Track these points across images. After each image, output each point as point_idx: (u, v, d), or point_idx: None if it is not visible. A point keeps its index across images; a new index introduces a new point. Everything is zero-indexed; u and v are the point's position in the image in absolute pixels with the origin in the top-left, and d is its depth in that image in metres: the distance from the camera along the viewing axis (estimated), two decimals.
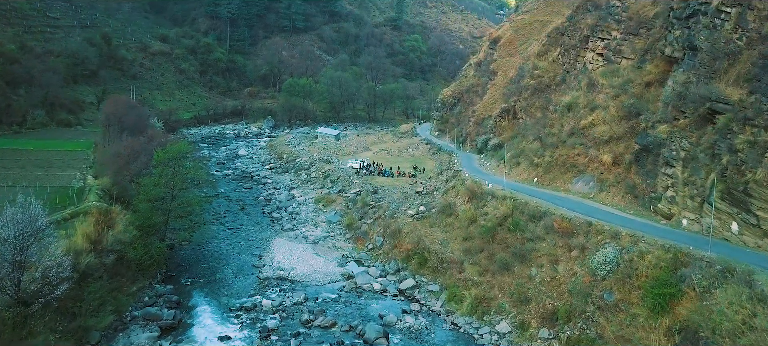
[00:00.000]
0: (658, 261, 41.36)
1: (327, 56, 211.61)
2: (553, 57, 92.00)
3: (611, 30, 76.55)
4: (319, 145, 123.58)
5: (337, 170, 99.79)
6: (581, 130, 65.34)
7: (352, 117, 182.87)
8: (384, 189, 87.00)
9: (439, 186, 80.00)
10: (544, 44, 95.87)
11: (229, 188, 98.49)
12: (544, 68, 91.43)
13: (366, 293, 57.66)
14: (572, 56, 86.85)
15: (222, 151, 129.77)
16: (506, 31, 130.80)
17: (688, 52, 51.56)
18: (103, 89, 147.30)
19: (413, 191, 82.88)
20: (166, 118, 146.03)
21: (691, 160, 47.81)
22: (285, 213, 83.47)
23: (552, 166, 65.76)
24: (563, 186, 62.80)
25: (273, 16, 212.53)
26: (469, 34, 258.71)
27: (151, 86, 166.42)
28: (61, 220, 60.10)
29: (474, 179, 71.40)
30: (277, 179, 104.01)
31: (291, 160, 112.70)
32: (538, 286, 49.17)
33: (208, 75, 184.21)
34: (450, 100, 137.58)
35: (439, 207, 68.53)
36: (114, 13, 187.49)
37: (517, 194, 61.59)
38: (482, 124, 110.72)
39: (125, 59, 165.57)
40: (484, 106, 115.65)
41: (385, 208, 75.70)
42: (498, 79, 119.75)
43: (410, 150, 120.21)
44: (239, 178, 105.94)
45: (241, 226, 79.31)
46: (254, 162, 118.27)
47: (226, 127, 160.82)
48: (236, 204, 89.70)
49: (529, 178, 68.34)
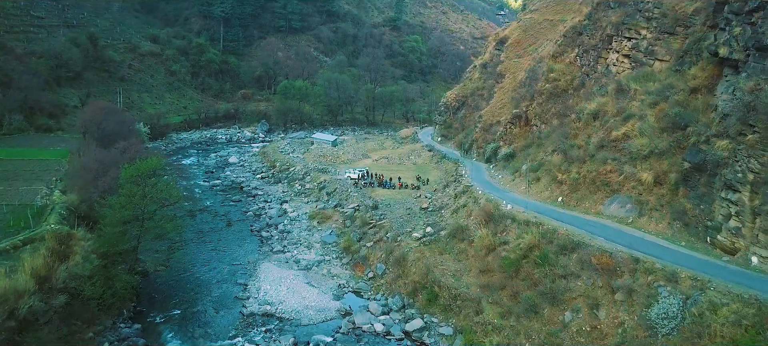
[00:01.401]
0: (737, 318, 32.19)
1: (324, 57, 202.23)
2: (570, 59, 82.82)
3: (640, 28, 67.37)
4: (315, 153, 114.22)
5: (333, 181, 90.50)
6: (612, 143, 56.14)
7: (350, 120, 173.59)
8: (385, 204, 77.78)
9: (448, 202, 70.80)
10: (559, 45, 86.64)
11: (215, 201, 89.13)
12: (561, 71, 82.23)
13: (366, 336, 48.39)
14: (592, 58, 77.69)
15: (212, 158, 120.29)
16: (514, 31, 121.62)
17: (753, 53, 42.34)
18: (87, 92, 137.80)
19: (418, 207, 73.66)
20: (154, 122, 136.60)
21: (763, 184, 38.67)
22: (275, 232, 74.11)
23: (579, 184, 56.51)
24: (593, 208, 53.61)
25: (268, 15, 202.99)
26: (470, 35, 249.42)
27: (140, 89, 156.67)
28: (11, 248, 50.79)
29: (488, 197, 62.16)
30: (268, 190, 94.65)
31: (284, 169, 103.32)
32: (575, 336, 39.95)
33: (201, 77, 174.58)
34: (454, 103, 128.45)
35: (449, 229, 59.23)
36: (102, 13, 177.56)
37: (543, 218, 52.33)
38: (490, 130, 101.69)
39: (113, 60, 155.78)
40: (492, 111, 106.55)
41: (387, 228, 66.38)
42: (506, 82, 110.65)
43: (412, 157, 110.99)
44: (228, 189, 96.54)
45: (227, 246, 69.94)
46: (245, 170, 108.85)
47: (219, 131, 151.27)
48: (222, 220, 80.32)
49: (552, 196, 59.12)
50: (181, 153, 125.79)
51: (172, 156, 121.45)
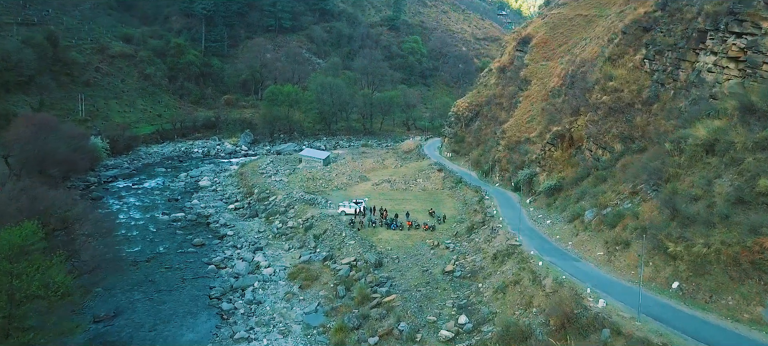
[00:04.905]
0: None
1: (317, 59, 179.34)
2: (634, 62, 60.59)
3: (760, 20, 45.31)
4: (302, 174, 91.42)
5: (323, 218, 67.95)
6: (761, 198, 34.00)
7: (345, 129, 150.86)
8: (392, 257, 55.50)
9: (482, 264, 48.42)
10: (617, 44, 64.35)
11: (172, 245, 66.33)
12: (624, 78, 60.02)
13: None
14: (671, 61, 55.51)
15: (181, 179, 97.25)
16: (538, 29, 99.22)
17: None
18: (40, 100, 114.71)
19: (439, 267, 51.30)
20: (118, 134, 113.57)
21: None
22: (241, 302, 51.35)
23: (709, 264, 34.15)
24: (746, 308, 31.37)
25: (256, 14, 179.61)
26: (473, 36, 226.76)
27: (108, 95, 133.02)
28: None
29: (554, 271, 39.80)
30: (241, 227, 71.91)
31: (263, 198, 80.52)
32: None
33: (179, 81, 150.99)
34: (466, 113, 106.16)
35: (498, 330, 36.75)
36: (70, 10, 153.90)
37: (667, 331, 30.05)
38: (517, 149, 79.64)
39: (76, 63, 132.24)
40: (517, 124, 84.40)
41: (399, 311, 43.83)
42: (533, 90, 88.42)
43: (420, 180, 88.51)
44: (190, 225, 73.73)
45: (165, 330, 47.26)
46: (216, 198, 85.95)
47: (195, 143, 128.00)
48: (173, 277, 57.67)
49: (659, 279, 36.62)
50: (147, 172, 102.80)
51: (133, 176, 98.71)
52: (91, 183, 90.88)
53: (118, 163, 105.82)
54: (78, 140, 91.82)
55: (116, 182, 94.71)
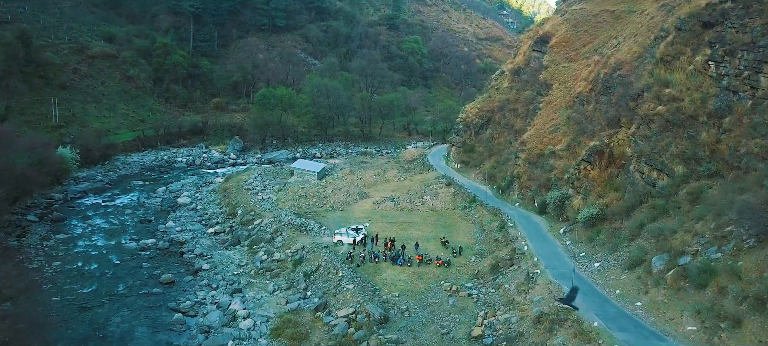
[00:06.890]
0: None
1: (312, 60, 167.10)
2: (695, 65, 48.73)
3: None
4: (294, 191, 79.24)
5: (315, 250, 55.95)
6: None
7: (342, 134, 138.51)
8: (401, 310, 43.67)
9: (521, 328, 36.51)
10: (670, 43, 52.48)
11: (134, 284, 54.08)
12: (683, 84, 48.17)
13: None
14: (748, 63, 43.71)
15: (158, 194, 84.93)
16: (558, 27, 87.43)
17: None
18: (6, 105, 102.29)
19: (463, 327, 39.39)
20: (93, 142, 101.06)
21: None
22: None
23: None
24: None
25: (248, 12, 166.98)
26: (474, 36, 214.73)
27: (86, 98, 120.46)
28: None
29: None
30: (219, 259, 59.74)
31: (247, 220, 68.40)
32: None
33: (165, 83, 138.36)
34: (476, 120, 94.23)
35: None
36: (49, 8, 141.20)
37: None
38: (539, 163, 67.98)
39: (51, 64, 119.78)
40: (538, 134, 72.72)
41: None
42: (555, 95, 76.70)
43: (427, 197, 76.58)
44: (160, 256, 61.53)
45: None
46: (195, 218, 73.83)
47: (180, 151, 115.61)
48: (130, 328, 45.68)
49: None
50: (122, 185, 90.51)
51: (105, 191, 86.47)
52: (54, 201, 78.48)
53: (91, 175, 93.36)
54: (41, 152, 79.75)
55: (85, 197, 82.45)
